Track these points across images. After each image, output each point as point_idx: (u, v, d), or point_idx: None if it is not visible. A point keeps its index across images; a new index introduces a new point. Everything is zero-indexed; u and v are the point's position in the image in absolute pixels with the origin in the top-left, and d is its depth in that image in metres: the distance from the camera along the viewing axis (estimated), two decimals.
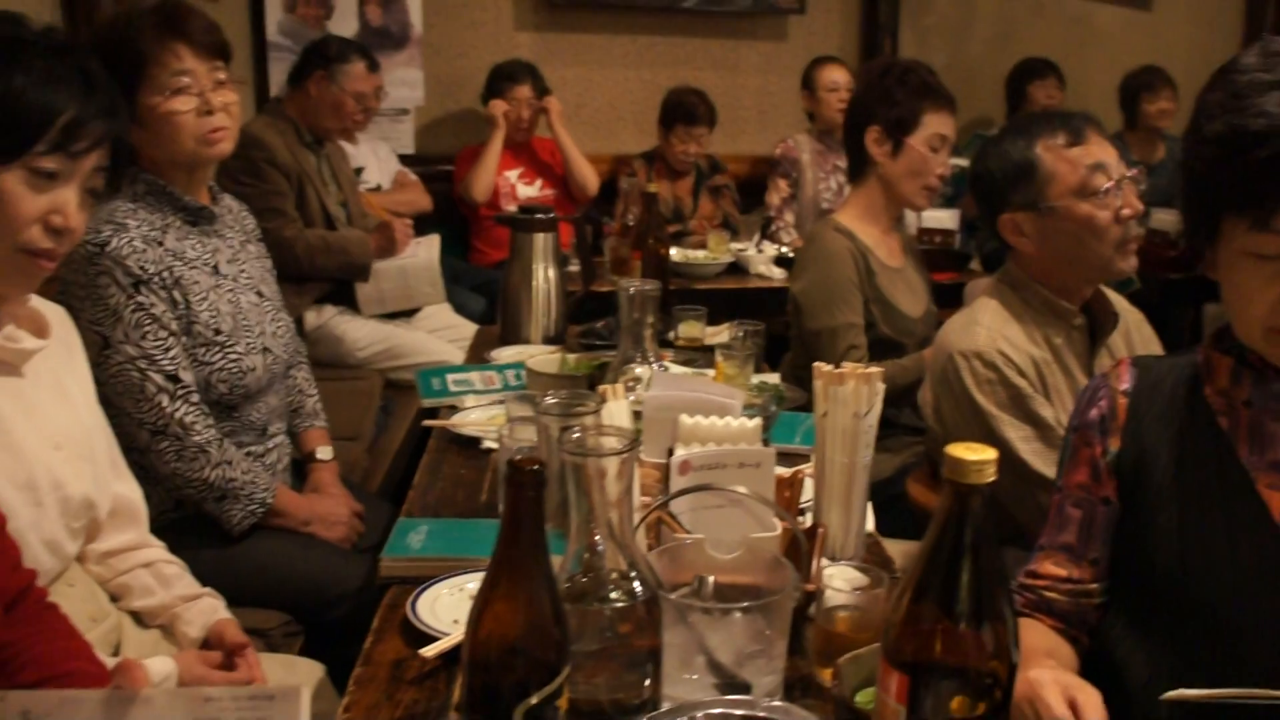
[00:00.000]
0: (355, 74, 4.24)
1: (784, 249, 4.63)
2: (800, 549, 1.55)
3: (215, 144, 2.26)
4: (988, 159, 2.30)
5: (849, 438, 1.72)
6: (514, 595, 1.11)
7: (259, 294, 2.42)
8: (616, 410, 1.77)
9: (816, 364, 1.75)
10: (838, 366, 1.76)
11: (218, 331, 2.25)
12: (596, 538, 1.24)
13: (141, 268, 2.14)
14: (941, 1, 6.26)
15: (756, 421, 1.74)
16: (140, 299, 2.14)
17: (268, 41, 5.29)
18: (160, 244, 2.20)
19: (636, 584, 1.25)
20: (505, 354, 2.94)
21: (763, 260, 4.40)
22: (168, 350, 2.17)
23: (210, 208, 2.35)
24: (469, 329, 4.14)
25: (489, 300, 4.60)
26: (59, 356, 1.78)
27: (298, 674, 1.98)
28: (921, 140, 2.98)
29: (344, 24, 5.36)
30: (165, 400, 2.16)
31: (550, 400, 1.66)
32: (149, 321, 2.14)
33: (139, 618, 1.88)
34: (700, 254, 4.54)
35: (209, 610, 1.89)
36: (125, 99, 1.95)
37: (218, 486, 2.20)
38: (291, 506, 2.33)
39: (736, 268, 4.46)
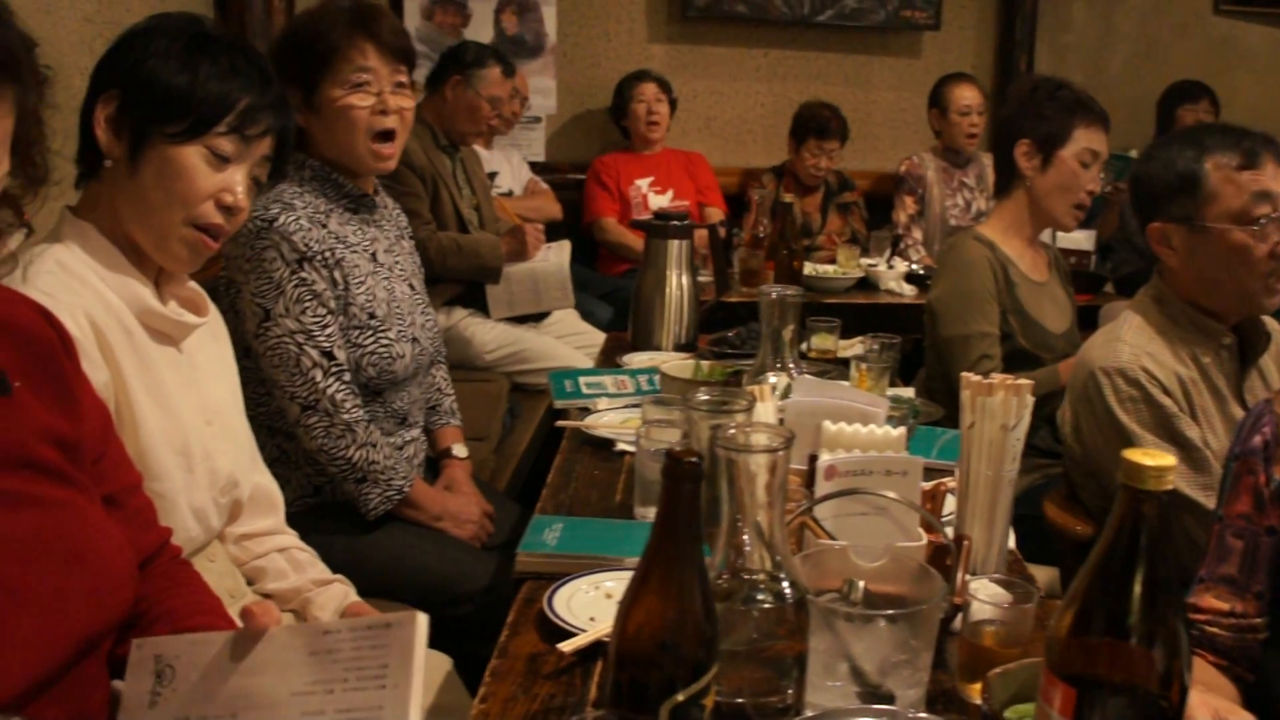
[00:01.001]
0: (490, 78, 4.29)
1: (914, 266, 4.57)
2: (945, 561, 1.51)
3: (383, 159, 2.34)
4: (1151, 163, 2.23)
5: (995, 450, 1.67)
6: (666, 590, 1.10)
7: (411, 286, 2.48)
8: (764, 411, 1.74)
9: (964, 374, 1.71)
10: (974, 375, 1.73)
11: (372, 316, 2.30)
12: (745, 537, 1.22)
13: (306, 245, 2.20)
14: (1080, 19, 6.11)
15: (901, 430, 1.71)
16: (303, 274, 2.20)
17: None
18: (324, 225, 2.27)
19: (785, 586, 1.22)
20: (637, 359, 2.94)
21: (893, 276, 4.34)
22: (325, 327, 2.22)
23: (372, 197, 2.42)
24: (596, 336, 4.16)
25: (616, 308, 4.62)
26: (211, 341, 1.85)
27: (426, 664, 1.99)
28: (1072, 154, 2.90)
29: (480, 32, 5.43)
30: (319, 375, 2.20)
31: (701, 397, 1.64)
32: (310, 297, 2.20)
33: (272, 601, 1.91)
34: (830, 268, 4.50)
35: (340, 595, 1.92)
36: (309, 89, 2.22)
37: (360, 467, 2.24)
38: (425, 500, 2.35)
39: (866, 283, 4.40)
